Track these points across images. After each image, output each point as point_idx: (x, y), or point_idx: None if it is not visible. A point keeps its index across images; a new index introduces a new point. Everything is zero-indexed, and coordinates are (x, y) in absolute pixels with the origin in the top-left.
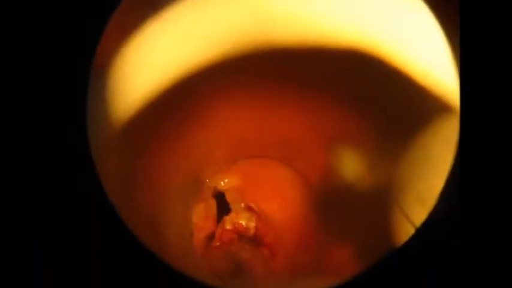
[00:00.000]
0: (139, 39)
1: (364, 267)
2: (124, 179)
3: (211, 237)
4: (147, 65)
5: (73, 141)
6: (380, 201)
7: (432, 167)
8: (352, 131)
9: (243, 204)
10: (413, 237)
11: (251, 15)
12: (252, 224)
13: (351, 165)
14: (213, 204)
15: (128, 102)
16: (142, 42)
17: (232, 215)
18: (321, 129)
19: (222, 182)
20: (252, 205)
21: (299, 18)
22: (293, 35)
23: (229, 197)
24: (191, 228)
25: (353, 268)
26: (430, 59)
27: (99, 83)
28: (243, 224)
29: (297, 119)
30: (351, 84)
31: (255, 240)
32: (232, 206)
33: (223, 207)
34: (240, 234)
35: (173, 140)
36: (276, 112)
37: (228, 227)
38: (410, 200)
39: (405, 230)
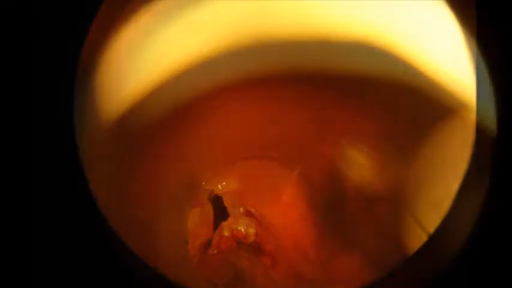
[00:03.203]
0: (132, 33)
1: (373, 277)
2: (114, 181)
3: (207, 244)
4: (139, 61)
5: (60, 143)
6: (390, 205)
7: (446, 168)
8: (359, 130)
9: (241, 209)
10: (426, 245)
11: (250, 7)
12: (252, 231)
13: (359, 167)
14: (209, 209)
15: (119, 100)
16: (135, 37)
17: (230, 220)
18: (326, 128)
19: (219, 185)
20: (252, 210)
21: (304, 12)
22: (297, 29)
23: (227, 201)
24: (186, 234)
25: (361, 278)
26: (444, 54)
27: (87, 80)
28: (242, 230)
29: (300, 118)
30: (358, 81)
31: (255, 248)
32: (230, 211)
33: (220, 212)
34: (239, 241)
35: (167, 140)
36: (277, 111)
37: (226, 233)
38: (422, 204)
39: (417, 237)
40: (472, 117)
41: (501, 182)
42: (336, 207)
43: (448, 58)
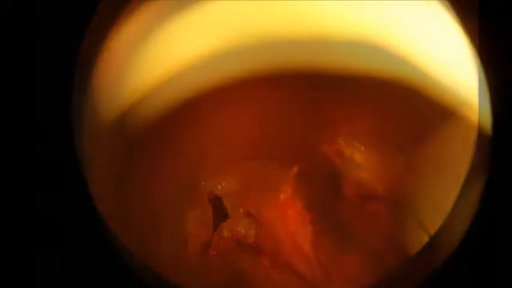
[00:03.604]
0: (132, 33)
1: (373, 277)
2: (114, 182)
3: (207, 245)
4: (139, 60)
5: (59, 143)
6: (391, 206)
7: (448, 169)
8: (360, 131)
9: (241, 210)
10: (428, 246)
11: (250, 7)
12: (252, 231)
13: (357, 167)
14: (209, 209)
15: (119, 100)
16: (135, 37)
17: (230, 221)
18: (327, 129)
19: (218, 186)
20: (252, 211)
21: (303, 12)
22: (297, 30)
23: (226, 202)
24: (186, 235)
25: (361, 278)
26: (445, 54)
27: (87, 80)
28: (242, 231)
29: (301, 118)
30: (358, 81)
31: (254, 249)
32: (230, 211)
33: (220, 213)
34: (239, 242)
35: (166, 140)
36: (277, 110)
37: (226, 234)
38: (424, 205)
39: (417, 237)
40: (473, 117)
41: (497, 182)
42: (335, 207)
43: (449, 58)
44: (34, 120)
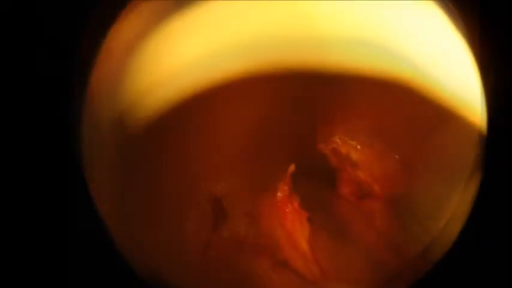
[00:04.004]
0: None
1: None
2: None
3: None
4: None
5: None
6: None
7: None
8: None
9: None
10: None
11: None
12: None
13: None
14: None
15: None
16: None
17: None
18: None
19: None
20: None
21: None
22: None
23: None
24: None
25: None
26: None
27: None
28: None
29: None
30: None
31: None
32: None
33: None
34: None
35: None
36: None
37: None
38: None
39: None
40: (473, 117)
41: (496, 182)
42: (332, 206)
43: (448, 58)
44: (34, 120)
